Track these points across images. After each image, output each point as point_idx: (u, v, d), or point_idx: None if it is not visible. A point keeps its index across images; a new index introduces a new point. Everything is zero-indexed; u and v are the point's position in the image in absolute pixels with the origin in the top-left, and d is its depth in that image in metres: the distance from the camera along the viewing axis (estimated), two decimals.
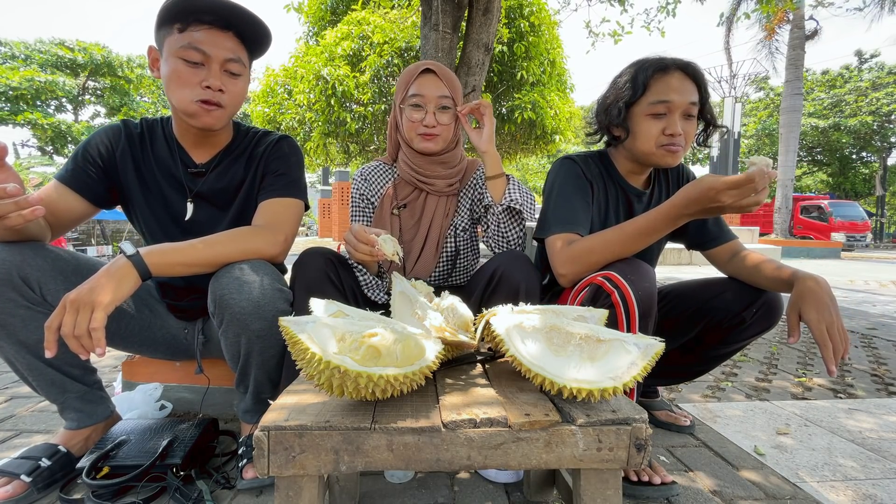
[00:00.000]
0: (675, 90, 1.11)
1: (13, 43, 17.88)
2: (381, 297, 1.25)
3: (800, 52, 13.94)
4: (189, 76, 1.05)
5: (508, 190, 1.26)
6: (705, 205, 0.94)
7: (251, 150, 1.25)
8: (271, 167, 1.23)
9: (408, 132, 1.30)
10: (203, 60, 1.05)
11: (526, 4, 5.45)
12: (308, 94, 5.33)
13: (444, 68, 1.31)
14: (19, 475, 1.03)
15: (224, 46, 1.06)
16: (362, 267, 1.22)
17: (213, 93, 1.07)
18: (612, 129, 1.23)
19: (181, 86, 1.06)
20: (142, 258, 0.94)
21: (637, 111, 1.16)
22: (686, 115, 1.13)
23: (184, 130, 1.18)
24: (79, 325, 0.84)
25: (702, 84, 1.15)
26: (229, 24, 1.06)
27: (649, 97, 1.13)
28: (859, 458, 1.29)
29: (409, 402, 0.72)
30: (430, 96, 1.26)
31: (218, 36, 1.05)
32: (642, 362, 0.69)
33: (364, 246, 1.01)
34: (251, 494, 1.08)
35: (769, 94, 24.72)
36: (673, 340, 1.28)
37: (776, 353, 2.41)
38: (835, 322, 0.97)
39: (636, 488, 1.07)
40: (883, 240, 24.39)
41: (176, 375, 1.50)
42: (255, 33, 1.11)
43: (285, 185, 1.20)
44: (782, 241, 13.08)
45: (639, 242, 1.06)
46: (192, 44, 1.03)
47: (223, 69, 1.07)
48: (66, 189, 1.12)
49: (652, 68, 1.13)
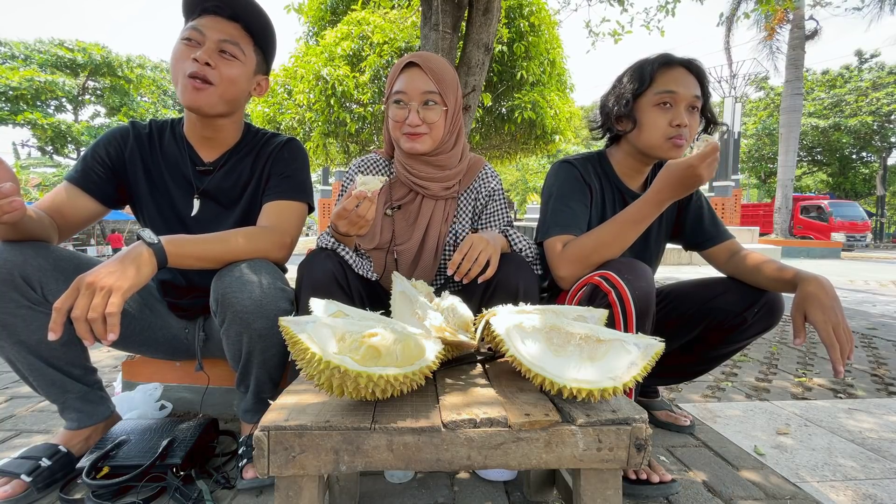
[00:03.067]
0: (681, 82, 1.13)
1: (13, 43, 17.88)
2: (371, 274, 1.20)
3: (800, 51, 13.94)
4: (184, 53, 1.08)
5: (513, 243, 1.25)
6: (687, 181, 1.00)
7: (258, 150, 1.26)
8: (277, 169, 1.24)
9: (393, 132, 1.24)
10: (200, 40, 1.08)
11: (526, 4, 5.44)
12: (308, 94, 5.32)
13: (432, 60, 1.20)
14: (19, 475, 1.03)
15: (222, 30, 1.09)
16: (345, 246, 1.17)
17: (201, 66, 1.07)
18: (617, 121, 1.23)
19: (176, 62, 1.09)
20: (163, 246, 0.94)
21: (644, 102, 1.17)
22: (690, 107, 1.15)
23: (192, 127, 1.20)
24: (95, 308, 0.82)
25: (704, 81, 1.18)
26: (235, 15, 1.10)
27: (655, 88, 1.15)
28: (859, 458, 1.29)
29: (409, 402, 0.72)
30: (414, 93, 1.18)
31: (220, 22, 1.09)
32: (642, 362, 0.69)
33: (352, 200, 0.98)
34: (251, 494, 1.08)
35: (769, 94, 24.71)
36: (673, 340, 1.28)
37: (776, 353, 2.41)
38: (840, 323, 0.97)
39: (635, 487, 1.07)
40: (883, 240, 24.39)
41: (176, 375, 1.50)
42: (254, 20, 1.13)
43: (290, 188, 1.21)
44: (782, 240, 13.08)
45: (630, 232, 1.09)
46: (193, 26, 1.08)
47: (217, 49, 1.09)
48: (75, 189, 1.14)
49: (658, 62, 1.16)
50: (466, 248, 1.07)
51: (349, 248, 1.17)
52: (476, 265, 1.06)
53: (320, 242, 1.17)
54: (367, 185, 1.00)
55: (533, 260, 1.24)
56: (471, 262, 1.05)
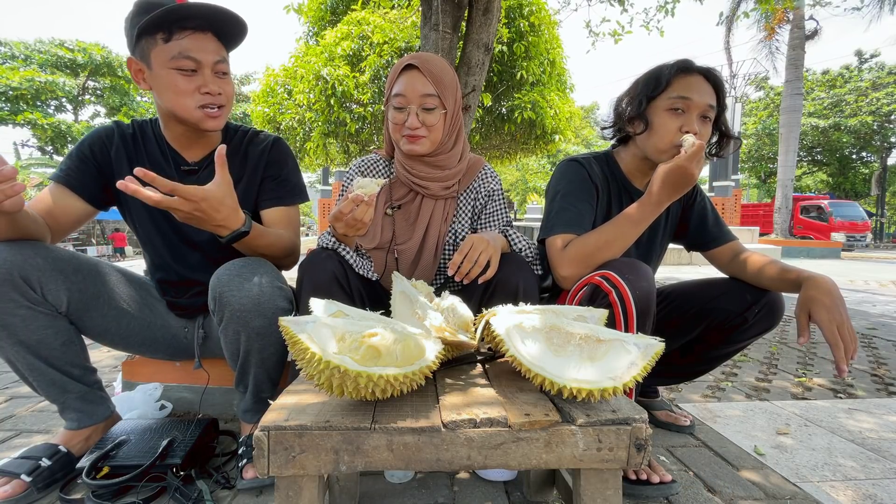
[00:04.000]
0: (696, 90, 1.13)
1: (13, 43, 17.88)
2: (371, 274, 1.21)
3: (800, 51, 13.93)
4: (186, 85, 1.07)
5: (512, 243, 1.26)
6: (679, 181, 1.04)
7: (244, 148, 1.27)
8: (271, 172, 1.25)
9: (393, 133, 1.25)
10: (195, 67, 1.07)
11: (526, 4, 5.44)
12: (308, 94, 5.32)
13: (431, 62, 1.20)
14: (19, 475, 1.03)
15: (210, 49, 1.08)
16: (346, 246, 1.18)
17: (214, 97, 1.10)
18: (630, 122, 1.23)
19: (181, 95, 1.08)
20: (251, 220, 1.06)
21: (657, 105, 1.17)
22: (702, 116, 1.14)
23: (176, 133, 1.19)
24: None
25: (721, 92, 1.17)
26: (209, 26, 1.08)
27: (670, 92, 1.15)
28: (859, 458, 1.29)
29: (409, 402, 0.72)
30: (413, 96, 1.18)
31: (202, 39, 1.07)
32: (642, 362, 0.69)
33: (348, 203, 0.99)
34: (251, 494, 1.08)
35: (769, 94, 24.69)
36: (674, 340, 1.28)
37: (776, 353, 2.41)
38: (845, 322, 0.98)
39: (635, 487, 1.07)
40: (883, 240, 24.38)
41: (176, 375, 1.50)
42: (234, 31, 1.12)
43: (289, 192, 1.26)
44: (782, 240, 13.07)
45: (631, 232, 1.10)
46: (182, 53, 1.05)
47: (214, 72, 1.09)
48: (62, 189, 1.13)
49: (676, 67, 1.16)
50: (467, 249, 1.07)
51: (350, 248, 1.18)
52: (476, 266, 1.06)
53: (321, 242, 1.17)
54: (364, 188, 1.00)
55: (533, 260, 1.24)
56: (471, 263, 1.06)
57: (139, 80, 1.11)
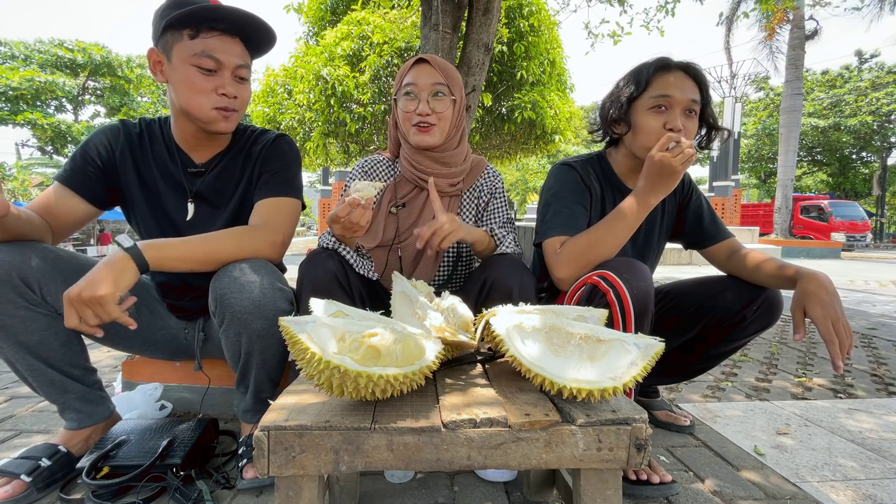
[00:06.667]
0: (676, 87, 1.13)
1: (13, 43, 17.88)
2: (372, 274, 1.21)
3: (800, 52, 13.94)
4: (203, 83, 1.07)
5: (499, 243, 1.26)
6: (665, 177, 1.06)
7: (248, 148, 1.26)
8: (267, 165, 1.23)
9: (403, 124, 1.28)
10: (216, 67, 1.06)
11: (526, 4, 5.44)
12: (308, 94, 5.32)
13: (440, 59, 1.28)
14: (19, 475, 1.03)
15: (234, 53, 1.08)
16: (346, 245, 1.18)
17: (229, 100, 1.10)
18: (614, 124, 1.24)
19: (196, 93, 1.07)
20: (140, 251, 0.95)
21: (639, 106, 1.17)
22: (687, 111, 1.15)
23: (186, 133, 1.18)
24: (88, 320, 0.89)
25: (703, 84, 1.17)
26: (239, 31, 1.08)
27: (651, 92, 1.15)
28: (859, 458, 1.29)
29: (409, 402, 0.72)
30: (423, 84, 1.23)
31: (228, 42, 1.07)
32: (642, 362, 0.69)
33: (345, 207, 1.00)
34: (251, 494, 1.08)
35: (769, 94, 24.70)
36: (673, 339, 1.28)
37: (776, 353, 2.41)
38: (840, 318, 0.97)
39: (635, 487, 1.07)
40: (883, 240, 24.38)
41: (176, 375, 1.50)
42: (262, 39, 1.13)
43: (281, 184, 1.20)
44: (782, 240, 13.08)
45: (623, 230, 1.11)
46: (206, 51, 1.04)
47: (234, 75, 1.10)
48: (65, 190, 1.13)
49: (654, 66, 1.16)
50: (437, 225, 1.09)
51: (350, 248, 1.18)
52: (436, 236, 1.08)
53: (322, 242, 1.17)
54: (361, 192, 1.00)
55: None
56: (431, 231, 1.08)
57: (157, 72, 1.11)
